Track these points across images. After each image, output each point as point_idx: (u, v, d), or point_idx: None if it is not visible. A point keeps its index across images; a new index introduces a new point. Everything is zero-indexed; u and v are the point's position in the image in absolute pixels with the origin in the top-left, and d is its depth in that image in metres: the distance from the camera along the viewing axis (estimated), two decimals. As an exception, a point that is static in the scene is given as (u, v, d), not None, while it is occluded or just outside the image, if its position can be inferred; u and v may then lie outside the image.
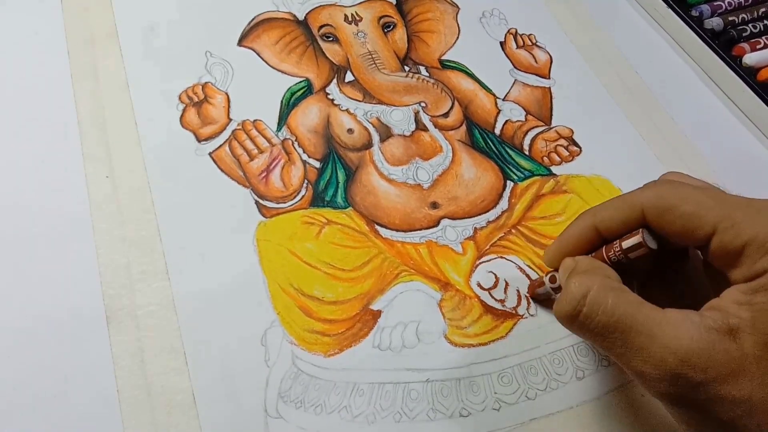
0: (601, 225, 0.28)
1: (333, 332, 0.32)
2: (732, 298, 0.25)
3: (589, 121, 0.42)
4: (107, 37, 0.42)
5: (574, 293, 0.26)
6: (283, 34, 0.44)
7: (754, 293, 0.24)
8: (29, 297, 0.32)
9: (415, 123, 0.40)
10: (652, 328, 0.24)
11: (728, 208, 0.25)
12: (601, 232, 0.29)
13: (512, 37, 0.46)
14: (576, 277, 0.27)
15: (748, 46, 0.45)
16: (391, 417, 0.30)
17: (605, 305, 0.25)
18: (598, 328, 0.25)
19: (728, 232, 0.25)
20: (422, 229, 0.36)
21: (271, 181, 0.37)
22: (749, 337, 0.23)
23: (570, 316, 0.26)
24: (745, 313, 0.24)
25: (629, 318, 0.25)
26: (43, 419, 0.29)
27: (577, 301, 0.26)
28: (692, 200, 0.26)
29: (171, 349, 0.31)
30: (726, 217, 0.25)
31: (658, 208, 0.26)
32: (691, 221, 0.26)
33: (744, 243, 0.24)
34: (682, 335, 0.24)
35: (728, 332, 0.24)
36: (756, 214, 0.25)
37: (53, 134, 0.37)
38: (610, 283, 0.26)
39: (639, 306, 0.25)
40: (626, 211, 0.28)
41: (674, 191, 0.27)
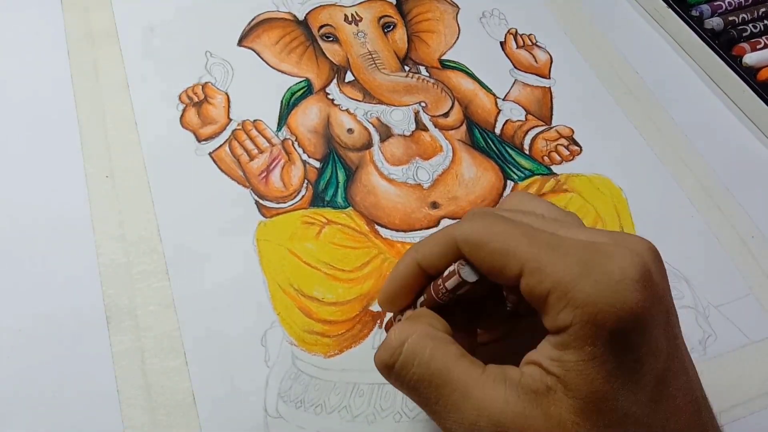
0: (423, 261, 0.26)
1: (333, 333, 0.32)
2: (546, 353, 0.22)
3: (589, 120, 0.42)
4: (107, 37, 0.42)
5: (391, 341, 0.24)
6: (283, 34, 0.44)
7: (563, 349, 0.22)
8: (29, 297, 0.32)
9: (415, 123, 0.40)
10: (467, 385, 0.23)
11: (537, 248, 0.23)
12: (425, 269, 0.26)
13: (512, 37, 0.46)
14: (397, 324, 0.25)
15: (749, 45, 0.44)
16: (391, 417, 0.30)
17: (422, 356, 0.23)
18: (413, 381, 0.23)
19: (533, 276, 0.22)
20: (422, 229, 0.36)
21: (271, 181, 0.37)
22: (564, 399, 0.21)
23: (386, 365, 0.24)
24: (559, 371, 0.22)
25: (445, 372, 0.23)
26: (43, 419, 0.29)
27: (394, 350, 0.24)
28: (500, 237, 0.23)
29: (171, 349, 0.31)
30: (531, 259, 0.22)
31: (469, 245, 0.24)
32: (500, 260, 0.23)
33: (548, 290, 0.22)
34: (497, 397, 0.22)
35: (545, 393, 0.22)
36: (560, 259, 0.22)
37: (53, 134, 0.37)
38: (431, 332, 0.24)
39: (458, 360, 0.23)
40: (443, 246, 0.25)
41: (486, 226, 0.24)
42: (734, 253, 0.36)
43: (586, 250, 0.22)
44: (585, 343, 0.21)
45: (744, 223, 0.38)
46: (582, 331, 0.21)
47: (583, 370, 0.21)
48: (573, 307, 0.21)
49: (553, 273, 0.22)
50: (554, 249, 0.22)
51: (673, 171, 0.40)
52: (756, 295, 0.35)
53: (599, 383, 0.21)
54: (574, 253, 0.22)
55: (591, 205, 0.38)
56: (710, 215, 0.38)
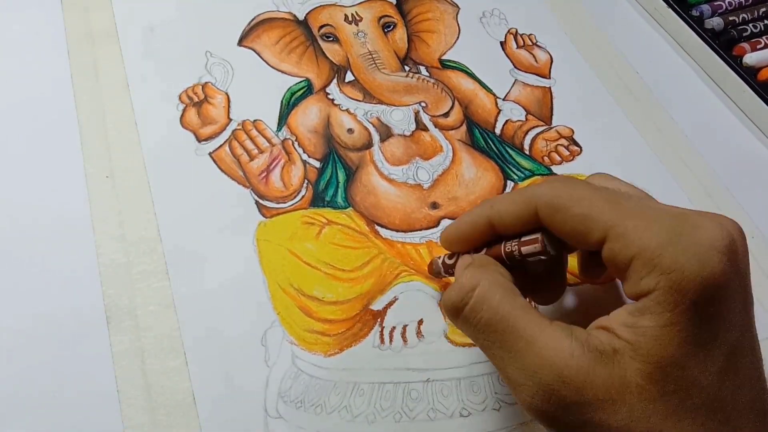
0: (496, 218, 0.26)
1: (333, 332, 0.32)
2: (619, 319, 0.23)
3: (589, 120, 0.42)
4: (107, 37, 0.42)
5: (463, 284, 0.25)
6: (283, 34, 0.44)
7: (640, 315, 0.22)
8: (29, 297, 0.32)
9: (415, 123, 0.40)
10: (533, 334, 0.23)
11: (621, 215, 0.23)
12: (496, 226, 0.27)
13: (512, 37, 0.46)
14: (470, 269, 0.26)
15: (749, 45, 0.45)
16: (391, 417, 0.30)
17: (491, 301, 0.24)
18: (480, 324, 0.24)
19: (618, 241, 0.22)
20: (422, 230, 0.36)
21: (271, 181, 0.37)
22: (632, 363, 0.22)
23: (455, 307, 0.25)
24: (631, 337, 0.22)
25: (513, 319, 0.23)
26: (43, 419, 0.29)
27: (465, 293, 0.25)
28: (585, 202, 0.24)
29: (171, 349, 0.31)
30: (617, 225, 0.23)
31: (551, 208, 0.24)
32: (582, 224, 0.23)
33: (632, 256, 0.22)
34: (563, 348, 0.22)
35: (612, 355, 0.22)
36: (647, 226, 0.22)
37: (53, 134, 0.37)
38: (501, 281, 0.25)
39: (525, 309, 0.24)
40: (520, 206, 0.25)
41: (569, 190, 0.24)
42: (734, 253, 0.36)
43: (673, 219, 0.22)
44: (665, 309, 0.21)
45: (744, 223, 0.37)
46: (664, 297, 0.21)
47: (658, 336, 0.21)
48: (658, 273, 0.21)
49: (639, 239, 0.22)
50: (640, 216, 0.23)
51: (673, 171, 0.40)
52: (756, 296, 0.35)
53: (672, 349, 0.21)
54: (662, 220, 0.22)
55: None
56: (710, 215, 0.38)
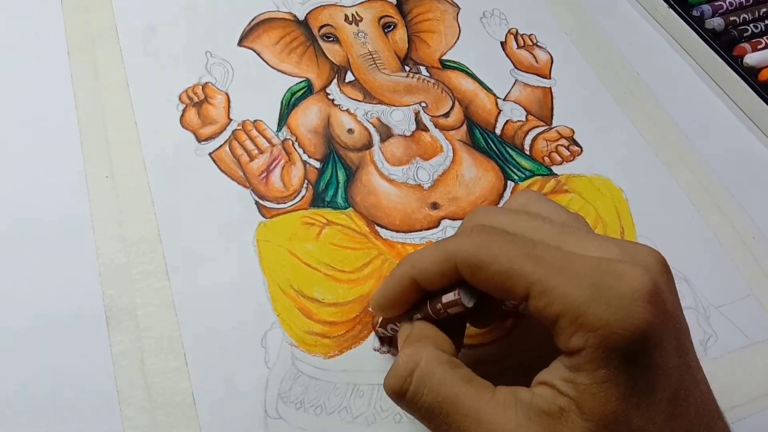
0: (419, 277, 0.26)
1: (333, 334, 0.32)
2: (559, 374, 0.22)
3: (589, 121, 0.42)
4: (107, 37, 0.42)
5: (401, 369, 0.24)
6: (284, 34, 0.44)
7: (576, 372, 0.22)
8: (29, 297, 0.32)
9: (415, 123, 0.40)
10: (478, 411, 0.22)
11: (541, 270, 0.22)
12: (420, 285, 0.26)
13: (513, 37, 0.46)
14: (405, 349, 0.25)
15: (749, 46, 0.44)
16: (391, 418, 0.30)
17: (431, 382, 0.23)
18: (424, 408, 0.24)
19: (541, 299, 0.22)
20: (422, 230, 0.36)
21: (271, 181, 0.37)
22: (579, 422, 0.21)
23: (398, 393, 0.24)
24: (572, 392, 0.22)
25: (455, 397, 0.23)
26: (43, 419, 0.29)
27: (404, 379, 0.24)
28: (503, 259, 0.23)
29: (171, 349, 0.31)
30: (537, 281, 0.22)
31: (469, 266, 0.24)
32: (503, 282, 0.23)
33: (557, 313, 0.22)
34: (508, 422, 0.22)
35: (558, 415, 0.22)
36: (569, 281, 0.22)
37: (53, 134, 0.37)
38: (439, 356, 0.24)
39: (467, 385, 0.23)
40: (441, 265, 0.25)
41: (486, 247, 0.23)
42: (735, 254, 0.36)
43: (595, 272, 0.22)
44: (598, 366, 0.21)
45: (744, 223, 0.38)
46: (595, 354, 0.21)
47: (596, 393, 0.21)
48: (585, 331, 0.21)
49: (562, 296, 0.22)
50: (561, 270, 0.22)
51: (673, 171, 0.40)
52: (757, 296, 0.35)
53: (613, 405, 0.21)
54: (583, 275, 0.22)
55: (591, 205, 0.38)
56: (710, 215, 0.38)
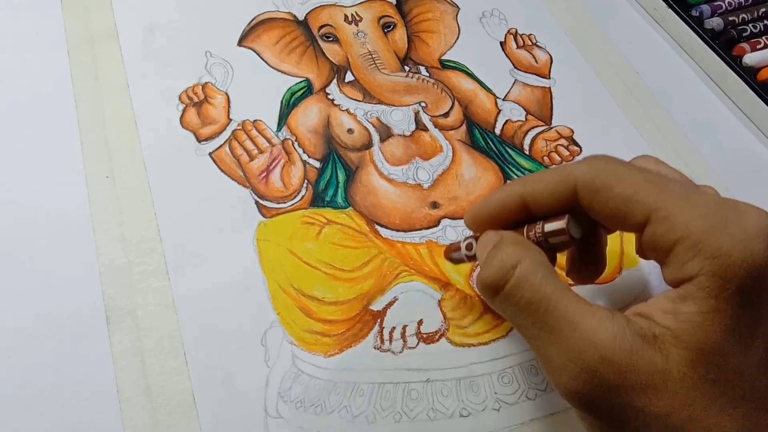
0: (530, 197, 0.25)
1: (333, 333, 0.32)
2: (659, 306, 0.22)
3: (589, 120, 0.42)
4: (107, 37, 0.42)
5: (504, 262, 0.24)
6: (283, 34, 0.44)
7: (681, 301, 0.21)
8: (29, 297, 0.32)
9: (415, 123, 0.40)
10: (575, 316, 0.22)
11: (666, 198, 0.22)
12: (528, 205, 0.26)
13: (512, 37, 0.46)
14: (508, 246, 0.25)
15: (749, 46, 0.44)
16: (391, 417, 0.30)
17: (533, 280, 0.23)
18: (521, 303, 0.23)
19: (661, 224, 0.22)
20: (422, 229, 0.36)
21: (271, 181, 0.37)
22: (675, 350, 0.21)
23: (495, 286, 0.24)
24: (672, 323, 0.21)
25: (555, 299, 0.23)
26: (43, 419, 0.29)
27: (506, 271, 0.24)
28: (628, 182, 0.23)
29: (171, 349, 0.31)
30: (661, 208, 0.22)
31: (591, 187, 0.23)
32: (625, 205, 0.23)
33: (676, 240, 0.22)
34: (606, 330, 0.22)
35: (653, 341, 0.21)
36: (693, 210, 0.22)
37: (53, 134, 0.37)
38: (542, 260, 0.24)
39: (567, 291, 0.23)
40: (557, 185, 0.25)
41: (611, 169, 0.24)
42: (734, 253, 0.36)
43: (719, 205, 0.22)
44: (709, 295, 0.21)
45: (744, 223, 0.38)
46: (708, 283, 0.21)
47: (701, 322, 0.21)
48: (703, 258, 0.21)
49: (684, 223, 0.21)
50: (685, 200, 0.22)
51: (673, 171, 0.40)
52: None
53: (715, 336, 0.21)
54: (707, 205, 0.22)
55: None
56: (710, 215, 0.38)
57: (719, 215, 0.22)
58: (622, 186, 0.23)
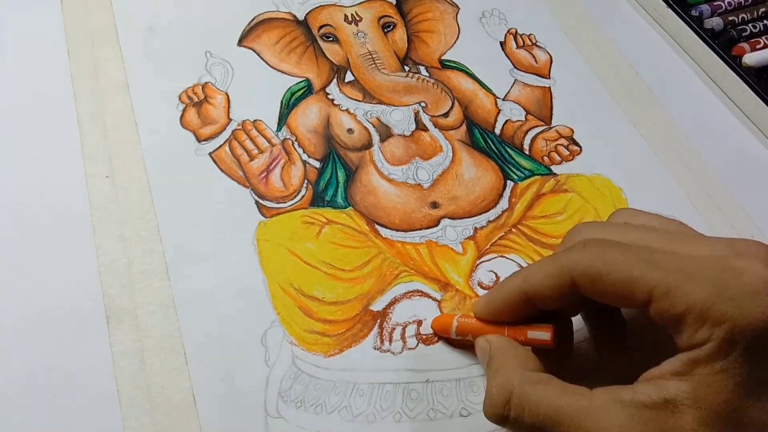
0: (532, 292, 0.27)
1: (333, 333, 0.32)
2: (672, 369, 0.23)
3: (589, 120, 0.42)
4: (107, 37, 0.42)
5: (497, 399, 0.25)
6: (283, 34, 0.44)
7: (695, 365, 0.22)
8: (29, 296, 0.32)
9: (415, 123, 0.40)
10: (579, 419, 0.23)
11: (661, 274, 0.23)
12: (531, 299, 0.27)
13: (512, 37, 0.46)
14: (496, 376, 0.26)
15: (748, 45, 0.45)
16: (391, 417, 0.30)
17: (529, 406, 0.24)
18: (528, 428, 0.24)
19: (664, 300, 0.23)
20: (422, 229, 0.36)
21: (271, 181, 0.37)
22: (690, 411, 0.22)
23: (501, 418, 0.25)
24: (686, 386, 0.22)
25: (555, 414, 0.24)
26: (43, 419, 0.29)
27: (503, 407, 0.25)
28: (621, 267, 0.24)
29: (171, 349, 0.31)
30: (659, 284, 0.23)
31: (588, 277, 0.25)
32: (624, 289, 0.24)
33: (682, 311, 0.23)
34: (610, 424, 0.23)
35: (664, 406, 0.22)
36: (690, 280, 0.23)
37: (53, 134, 0.37)
38: (529, 377, 0.25)
39: (563, 397, 0.24)
40: (555, 279, 0.26)
41: (602, 257, 0.25)
42: (734, 253, 0.36)
43: (714, 270, 0.23)
44: (719, 358, 0.22)
45: (744, 223, 0.38)
46: (718, 347, 0.22)
47: (713, 383, 0.22)
48: (710, 326, 0.22)
49: (686, 295, 0.23)
50: (681, 272, 0.23)
51: (673, 171, 0.40)
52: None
53: (728, 394, 0.22)
54: (703, 274, 0.23)
55: (591, 205, 0.38)
56: (710, 215, 0.38)
57: (717, 280, 0.23)
58: (617, 272, 0.24)
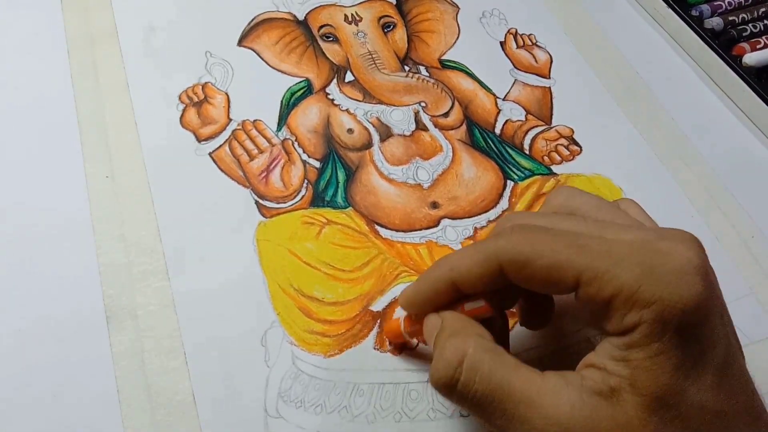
0: (458, 279, 0.26)
1: (333, 333, 0.32)
2: (608, 354, 0.23)
3: (589, 120, 0.42)
4: (107, 37, 0.42)
5: (449, 359, 0.24)
6: (283, 34, 0.44)
7: (629, 349, 0.22)
8: (29, 297, 0.32)
9: (415, 123, 0.40)
10: (531, 395, 0.23)
11: (587, 258, 0.23)
12: (459, 286, 0.26)
13: (512, 37, 0.46)
14: (450, 339, 0.25)
15: (748, 45, 0.44)
16: (391, 417, 0.30)
17: (482, 371, 0.23)
18: (476, 398, 0.23)
19: (591, 285, 0.23)
20: (422, 229, 0.36)
21: (271, 181, 0.37)
22: (631, 398, 0.22)
23: (447, 385, 0.24)
24: (624, 371, 0.22)
25: (507, 385, 0.23)
26: (43, 419, 0.29)
27: (454, 369, 0.24)
28: (548, 253, 0.23)
29: (171, 349, 0.31)
30: (586, 269, 0.23)
31: (515, 264, 0.24)
32: (551, 275, 0.23)
33: (609, 296, 0.22)
34: (562, 403, 0.22)
35: (610, 395, 0.22)
36: (618, 264, 0.22)
37: (53, 134, 0.37)
38: (485, 345, 0.24)
39: (516, 370, 0.23)
40: (482, 267, 0.25)
41: (529, 243, 0.24)
42: (735, 253, 0.36)
43: (641, 252, 0.23)
44: (652, 340, 0.22)
45: (744, 223, 0.38)
46: (650, 329, 0.22)
47: (649, 367, 0.22)
48: (639, 308, 0.22)
49: (613, 278, 0.22)
50: (608, 255, 0.23)
51: (673, 171, 0.40)
52: (756, 296, 0.35)
53: (666, 377, 0.22)
54: (630, 256, 0.23)
55: (591, 205, 0.38)
56: (710, 215, 0.38)
57: (644, 262, 0.22)
58: (543, 258, 0.23)
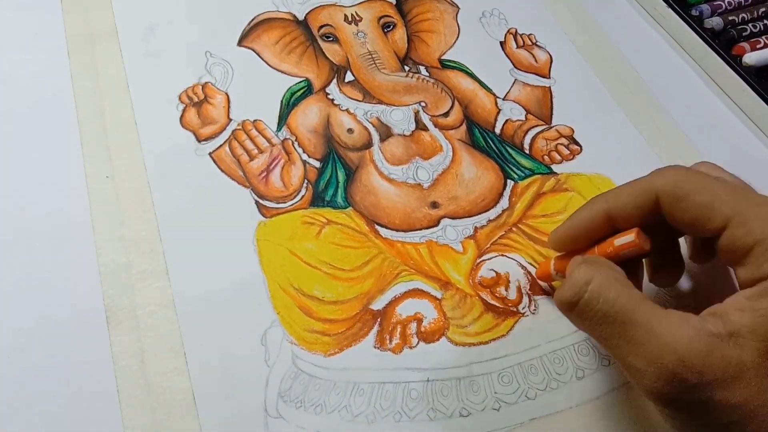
0: (614, 211, 0.28)
1: (333, 332, 0.32)
2: (734, 305, 0.24)
3: (589, 120, 0.42)
4: (107, 37, 0.42)
5: (577, 279, 0.26)
6: (283, 34, 0.44)
7: (757, 298, 0.24)
8: (29, 297, 0.32)
9: (415, 123, 0.40)
10: (651, 324, 0.24)
11: (743, 203, 0.25)
12: (614, 219, 0.28)
13: (512, 36, 0.46)
14: (582, 265, 0.27)
15: (748, 45, 0.44)
16: (391, 417, 0.30)
17: (606, 295, 0.25)
18: (596, 317, 0.25)
19: (739, 228, 0.24)
20: (422, 229, 0.36)
21: (271, 181, 0.37)
22: (749, 343, 0.23)
23: (570, 302, 0.26)
24: (746, 319, 0.23)
25: (629, 311, 0.25)
26: (43, 419, 0.29)
27: (579, 288, 0.26)
28: (707, 190, 0.25)
29: (171, 349, 0.31)
30: (739, 213, 0.24)
31: (672, 196, 0.26)
32: (704, 212, 0.25)
33: (753, 242, 0.24)
34: (681, 335, 0.24)
35: (728, 338, 0.23)
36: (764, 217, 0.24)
37: (53, 134, 0.37)
38: (614, 275, 0.26)
39: (641, 301, 0.25)
40: (640, 197, 0.27)
41: (690, 179, 0.26)
42: (734, 253, 0.36)
43: None
44: None
45: (744, 223, 0.38)
46: None
47: None
48: None
49: (761, 227, 0.24)
50: (760, 206, 0.24)
51: (673, 170, 0.40)
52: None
53: None
54: None
55: (591, 204, 0.38)
56: (710, 215, 0.38)
57: None
58: (701, 194, 0.25)
